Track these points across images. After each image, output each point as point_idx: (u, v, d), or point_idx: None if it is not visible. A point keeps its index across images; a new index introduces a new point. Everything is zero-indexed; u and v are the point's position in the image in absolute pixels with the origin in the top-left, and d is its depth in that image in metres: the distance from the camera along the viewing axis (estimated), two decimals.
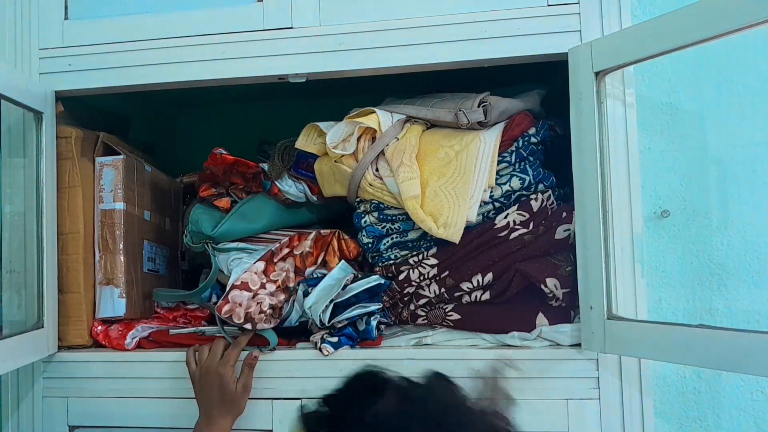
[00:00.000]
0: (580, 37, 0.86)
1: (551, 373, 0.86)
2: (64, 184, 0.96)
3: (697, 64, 0.96)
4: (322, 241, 1.00)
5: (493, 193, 0.89)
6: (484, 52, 0.88)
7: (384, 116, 0.93)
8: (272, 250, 0.96)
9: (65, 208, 0.96)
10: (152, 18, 0.95)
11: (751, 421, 0.95)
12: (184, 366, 0.90)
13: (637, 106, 0.85)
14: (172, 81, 0.94)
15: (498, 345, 0.91)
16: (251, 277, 0.93)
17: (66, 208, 0.96)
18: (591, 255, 0.83)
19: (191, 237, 0.99)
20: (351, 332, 0.91)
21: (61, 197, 0.96)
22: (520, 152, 0.90)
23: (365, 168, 0.91)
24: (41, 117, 0.93)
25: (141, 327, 0.98)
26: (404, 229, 0.94)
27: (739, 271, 0.95)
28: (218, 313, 0.91)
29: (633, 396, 0.84)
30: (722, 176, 0.97)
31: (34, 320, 0.92)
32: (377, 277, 0.94)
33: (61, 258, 0.95)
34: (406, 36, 0.89)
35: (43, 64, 0.96)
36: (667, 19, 0.73)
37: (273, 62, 0.92)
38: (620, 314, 0.82)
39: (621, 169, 0.84)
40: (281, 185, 1.01)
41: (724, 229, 0.95)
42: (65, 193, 0.96)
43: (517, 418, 0.85)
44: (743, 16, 0.65)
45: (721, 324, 0.95)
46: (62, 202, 0.96)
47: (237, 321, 0.91)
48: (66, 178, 0.96)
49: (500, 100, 0.91)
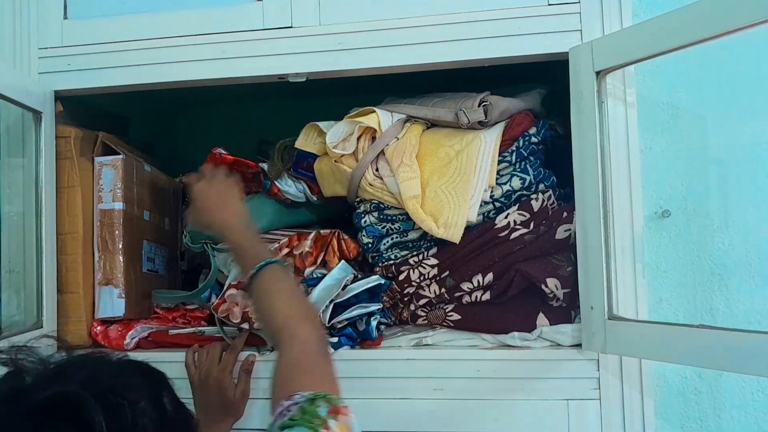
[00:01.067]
0: (581, 37, 0.85)
1: (552, 373, 0.86)
2: (63, 184, 0.96)
3: (697, 64, 0.96)
4: (321, 241, 1.00)
5: (493, 193, 0.89)
6: (484, 52, 0.87)
7: (384, 116, 0.93)
8: (271, 250, 0.96)
9: (64, 208, 0.96)
10: (152, 17, 0.95)
11: (751, 421, 0.95)
12: (183, 365, 0.90)
13: (637, 106, 0.85)
14: (171, 81, 0.94)
15: (498, 345, 0.91)
16: None
17: (65, 208, 0.96)
18: (592, 255, 0.82)
19: (190, 237, 0.99)
20: (351, 332, 0.91)
21: (60, 197, 0.96)
22: (521, 152, 0.90)
23: (365, 168, 0.91)
24: (40, 117, 0.93)
25: (140, 327, 0.97)
26: (404, 229, 0.93)
27: (740, 271, 0.94)
28: (215, 311, 0.91)
29: (634, 396, 0.84)
30: (723, 176, 0.96)
31: (33, 320, 0.92)
32: (377, 277, 0.94)
33: (60, 258, 0.95)
34: (406, 36, 0.89)
35: (42, 64, 0.96)
36: (667, 18, 0.73)
37: (273, 62, 0.91)
38: (621, 314, 0.81)
39: (622, 168, 0.83)
40: (281, 185, 1.00)
41: (725, 229, 0.95)
42: (64, 193, 0.96)
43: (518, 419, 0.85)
44: (743, 16, 0.65)
45: (722, 324, 0.95)
46: (61, 202, 0.96)
47: (234, 321, 0.91)
48: (65, 177, 0.96)
49: (501, 99, 0.90)
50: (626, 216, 0.83)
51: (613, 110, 0.83)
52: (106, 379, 0.45)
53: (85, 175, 0.97)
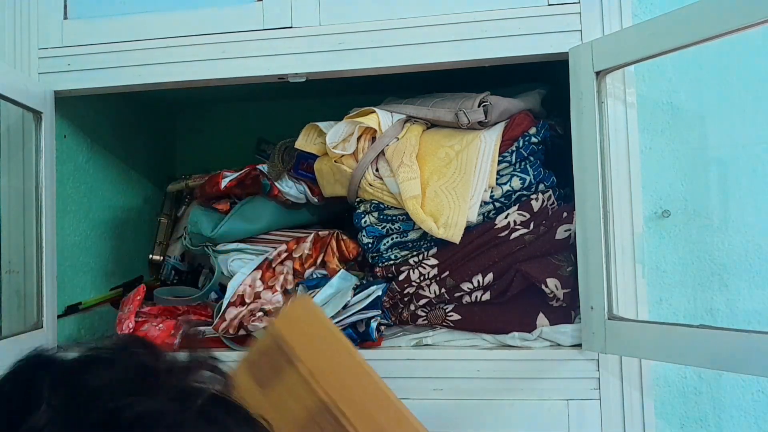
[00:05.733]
0: (581, 37, 0.85)
1: (552, 373, 0.86)
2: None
3: (697, 64, 0.96)
4: (320, 243, 1.00)
5: (493, 193, 0.89)
6: (484, 52, 0.87)
7: (384, 116, 0.93)
8: (269, 258, 0.96)
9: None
10: (152, 17, 0.95)
11: (752, 421, 0.95)
12: None
13: (637, 106, 0.85)
14: (171, 81, 0.93)
15: (498, 345, 0.91)
16: (245, 289, 0.93)
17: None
18: (591, 255, 0.82)
19: (190, 239, 0.99)
20: (351, 333, 0.91)
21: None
22: (521, 152, 0.90)
23: (365, 168, 0.91)
24: (40, 117, 0.92)
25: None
26: (404, 229, 0.93)
27: (740, 271, 0.94)
28: (215, 330, 0.92)
29: (634, 396, 0.84)
30: (723, 176, 0.96)
31: (33, 320, 0.92)
32: (375, 288, 0.93)
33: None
34: (406, 36, 0.89)
35: (42, 64, 0.96)
36: (667, 18, 0.73)
37: (273, 62, 0.91)
38: (621, 314, 0.81)
39: (621, 169, 0.83)
40: (281, 186, 1.00)
41: (725, 229, 0.95)
42: None
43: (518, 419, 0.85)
44: (743, 16, 0.65)
45: (722, 324, 0.95)
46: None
47: (231, 332, 0.91)
48: None
49: (500, 99, 0.90)
50: (626, 216, 0.83)
51: (613, 110, 0.83)
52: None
53: None
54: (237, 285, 0.94)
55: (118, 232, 1.23)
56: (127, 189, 1.29)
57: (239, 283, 0.94)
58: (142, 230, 1.31)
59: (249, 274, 0.95)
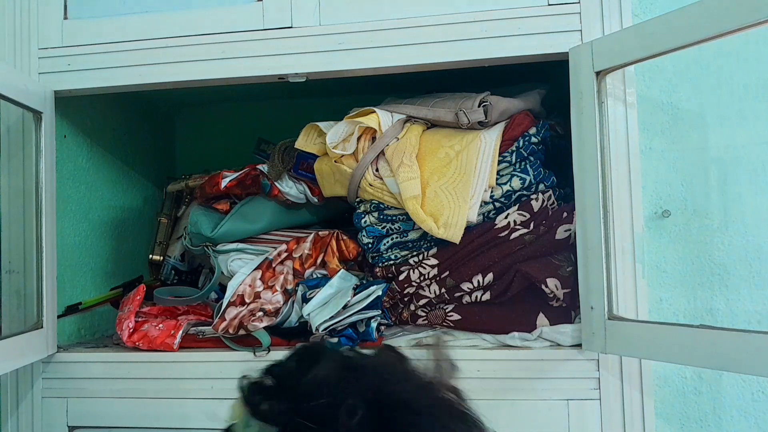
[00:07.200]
0: (581, 37, 0.85)
1: (552, 373, 0.86)
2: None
3: (697, 64, 0.96)
4: (320, 243, 1.00)
5: (493, 193, 0.89)
6: (484, 52, 0.87)
7: (384, 116, 0.93)
8: (269, 258, 0.96)
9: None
10: (152, 17, 0.95)
11: (752, 421, 0.95)
12: (183, 366, 0.90)
13: (637, 106, 0.85)
14: (171, 81, 0.93)
15: (498, 345, 0.91)
16: (245, 289, 0.93)
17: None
18: (592, 255, 0.82)
19: (190, 239, 0.99)
20: (351, 333, 0.91)
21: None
22: (521, 152, 0.90)
23: (365, 168, 0.91)
24: (40, 117, 0.92)
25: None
26: (404, 229, 0.93)
27: (740, 271, 0.94)
28: (215, 330, 0.92)
29: (634, 396, 0.84)
30: (723, 176, 0.96)
31: (33, 320, 0.92)
32: (375, 288, 0.93)
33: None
34: (406, 36, 0.89)
35: (42, 64, 0.96)
36: (667, 18, 0.73)
37: (273, 62, 0.91)
38: (621, 314, 0.81)
39: (622, 169, 0.83)
40: (281, 186, 1.00)
41: (725, 229, 0.95)
42: None
43: (518, 419, 0.85)
44: (743, 16, 0.65)
45: (722, 324, 0.95)
46: None
47: (231, 332, 0.91)
48: None
49: (500, 99, 0.90)
50: (626, 216, 0.83)
51: (613, 110, 0.83)
52: None
53: None
54: (237, 285, 0.94)
55: (118, 232, 1.23)
56: (127, 189, 1.29)
57: (239, 283, 0.94)
58: (142, 230, 1.31)
59: (249, 274, 0.95)
